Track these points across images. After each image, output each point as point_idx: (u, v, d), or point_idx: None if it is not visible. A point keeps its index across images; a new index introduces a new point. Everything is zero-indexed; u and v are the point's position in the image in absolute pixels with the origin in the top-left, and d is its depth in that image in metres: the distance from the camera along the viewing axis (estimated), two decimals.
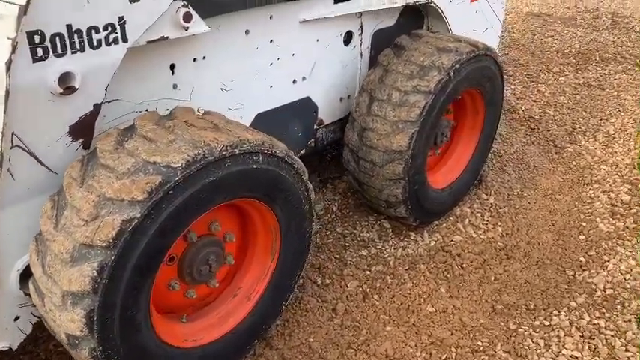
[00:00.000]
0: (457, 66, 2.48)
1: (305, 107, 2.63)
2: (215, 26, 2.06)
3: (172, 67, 2.00)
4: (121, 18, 1.62)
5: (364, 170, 2.62)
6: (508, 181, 3.37)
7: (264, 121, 2.43)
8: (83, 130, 1.71)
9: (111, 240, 1.46)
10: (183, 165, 1.53)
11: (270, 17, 2.27)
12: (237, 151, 1.65)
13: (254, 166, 1.72)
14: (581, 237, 2.89)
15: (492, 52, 2.72)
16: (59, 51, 1.52)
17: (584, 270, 2.67)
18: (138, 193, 1.47)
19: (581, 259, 2.74)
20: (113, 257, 1.47)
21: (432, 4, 2.85)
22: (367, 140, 2.54)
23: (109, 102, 1.86)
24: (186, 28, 1.83)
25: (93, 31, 1.58)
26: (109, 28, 1.61)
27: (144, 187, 1.48)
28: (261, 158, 1.74)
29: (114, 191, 1.49)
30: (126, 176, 1.52)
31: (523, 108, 4.27)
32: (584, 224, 2.98)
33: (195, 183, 1.57)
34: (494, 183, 3.32)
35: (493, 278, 2.62)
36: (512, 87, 4.66)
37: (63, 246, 1.50)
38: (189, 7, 1.81)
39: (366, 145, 2.55)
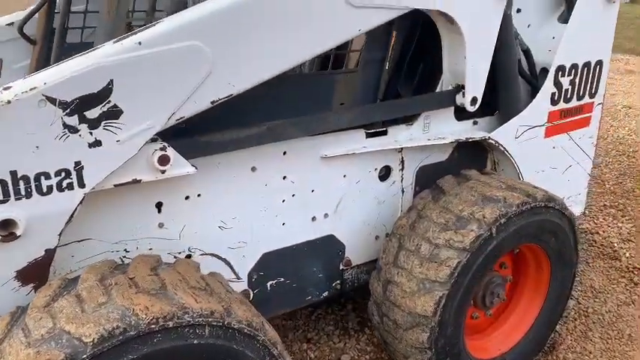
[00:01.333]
0: (503, 220, 2.07)
1: (328, 246, 2.35)
2: (213, 164, 1.91)
3: (159, 205, 1.87)
4: (77, 163, 1.52)
5: (388, 329, 2.23)
6: (590, 352, 2.72)
7: (274, 260, 2.19)
8: (34, 274, 1.59)
9: None
10: (96, 340, 1.32)
11: (284, 153, 2.08)
12: (171, 324, 1.41)
13: (194, 342, 1.46)
14: None
15: (557, 202, 2.26)
16: (0, 197, 1.44)
17: None
18: None
19: None
20: None
21: (491, 141, 2.49)
22: (391, 295, 2.17)
23: (80, 241, 1.75)
24: (163, 171, 1.69)
25: (42, 177, 1.48)
26: (63, 174, 1.51)
27: None
28: (206, 331, 1.48)
29: None
30: (35, 345, 1.33)
31: (628, 255, 3.57)
32: None
33: None
34: (569, 354, 2.69)
35: None
36: (619, 225, 3.97)
37: None
38: (169, 149, 1.68)
39: (389, 301, 2.18)
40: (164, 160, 1.67)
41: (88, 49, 1.55)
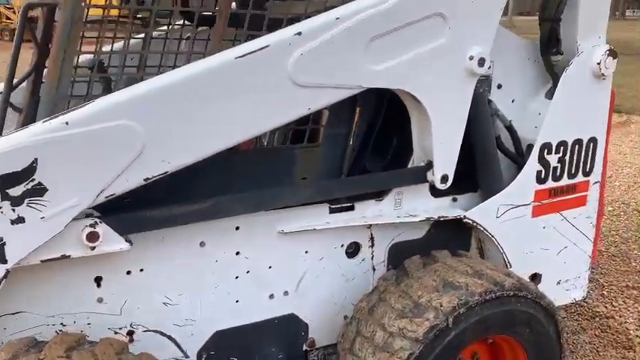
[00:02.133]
0: (462, 310, 1.92)
1: (289, 325, 2.25)
2: (156, 238, 1.89)
3: (98, 279, 1.85)
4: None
5: None
6: None
7: (228, 339, 2.12)
8: None
9: None
10: None
11: (237, 228, 2.04)
12: None
13: None
14: None
15: (530, 291, 2.09)
16: None
17: None
18: None
19: None
20: None
21: (468, 220, 2.37)
22: None
23: (13, 314, 1.74)
24: (92, 248, 1.68)
25: None
26: None
27: None
28: None
29: None
30: None
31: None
32: None
33: None
34: None
35: None
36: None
37: None
38: (101, 225, 1.68)
39: None
40: (93, 237, 1.66)
41: None
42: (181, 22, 2.94)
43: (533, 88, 2.56)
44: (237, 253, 2.07)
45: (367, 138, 2.29)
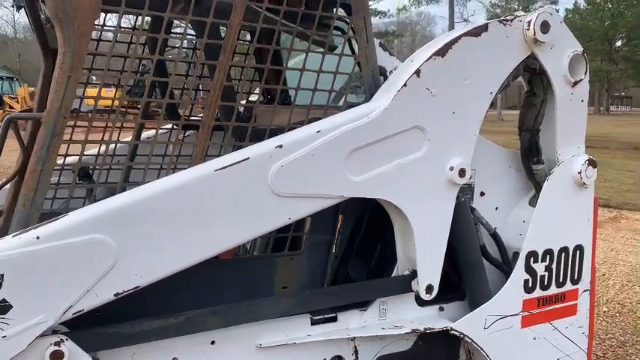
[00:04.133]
0: None
1: None
2: (126, 354, 1.80)
3: None
4: None
5: None
6: None
7: None
8: None
9: None
10: None
11: (212, 342, 1.95)
12: None
13: None
14: None
15: None
16: None
17: None
18: None
19: None
20: None
21: (455, 332, 2.28)
22: None
23: None
24: None
25: None
26: None
27: None
28: None
29: None
30: None
31: None
32: None
33: None
34: None
35: None
36: None
37: None
38: (66, 342, 1.59)
39: None
40: (57, 356, 1.57)
41: None
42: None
43: (517, 196, 2.57)
44: None
45: (351, 245, 2.26)
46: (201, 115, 2.07)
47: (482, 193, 2.49)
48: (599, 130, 31.79)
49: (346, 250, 2.25)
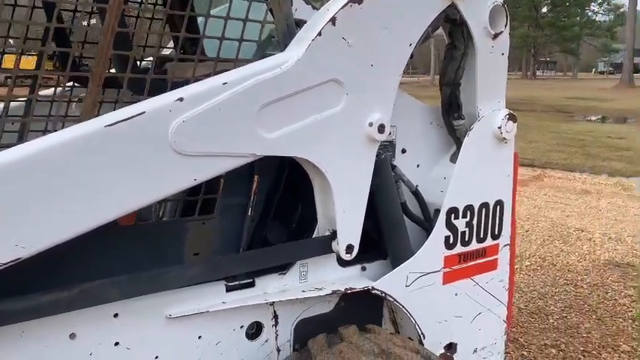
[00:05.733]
0: None
1: None
2: (14, 332, 1.62)
3: None
4: None
5: None
6: None
7: None
8: None
9: None
10: None
11: (115, 315, 1.80)
12: None
13: None
14: None
15: None
16: None
17: None
18: None
19: None
20: None
21: (377, 292, 2.24)
22: None
23: None
24: None
25: None
26: None
27: None
28: None
29: None
30: None
31: None
32: None
33: None
34: None
35: None
36: None
37: None
38: None
39: None
40: None
41: None
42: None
43: (438, 153, 2.53)
44: (117, 344, 1.81)
45: (268, 208, 2.14)
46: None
47: (403, 150, 2.43)
48: (525, 94, 33.12)
49: (263, 213, 2.13)
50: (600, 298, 4.74)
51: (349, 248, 2.13)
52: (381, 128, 2.06)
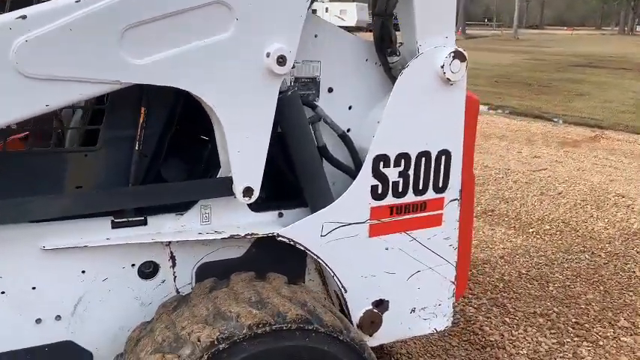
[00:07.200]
0: (223, 346, 1.63)
1: (64, 354, 1.97)
2: None
3: None
4: None
5: None
6: None
7: None
8: None
9: None
10: None
11: None
12: None
13: None
14: None
15: (323, 324, 1.80)
16: None
17: None
18: None
19: None
20: None
21: (283, 239, 2.08)
22: None
23: None
24: None
25: None
26: None
27: None
28: None
29: None
30: None
31: None
32: None
33: None
34: None
35: None
36: (540, 340, 3.34)
37: None
38: None
39: None
40: None
41: None
42: None
43: (374, 94, 2.28)
44: None
45: (160, 143, 2.01)
46: None
47: (330, 90, 2.21)
48: (616, 51, 30.54)
49: (157, 148, 2.01)
50: (616, 269, 4.32)
51: (247, 191, 1.98)
52: (281, 60, 1.85)
